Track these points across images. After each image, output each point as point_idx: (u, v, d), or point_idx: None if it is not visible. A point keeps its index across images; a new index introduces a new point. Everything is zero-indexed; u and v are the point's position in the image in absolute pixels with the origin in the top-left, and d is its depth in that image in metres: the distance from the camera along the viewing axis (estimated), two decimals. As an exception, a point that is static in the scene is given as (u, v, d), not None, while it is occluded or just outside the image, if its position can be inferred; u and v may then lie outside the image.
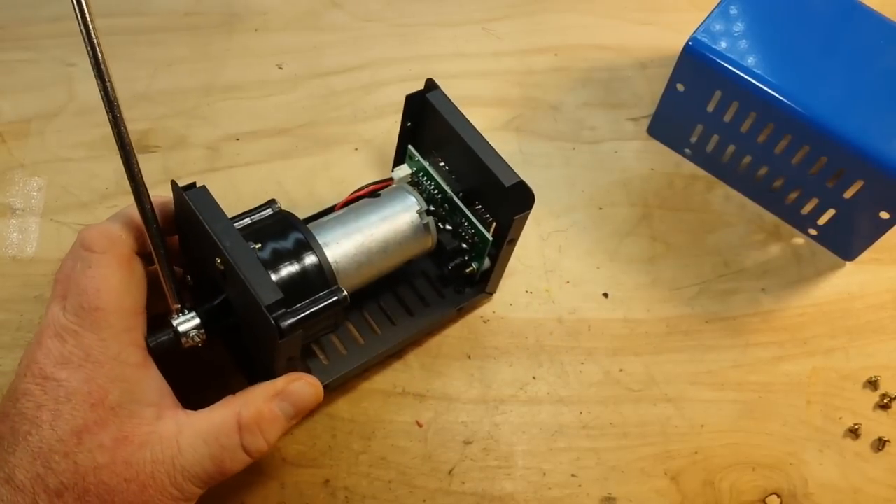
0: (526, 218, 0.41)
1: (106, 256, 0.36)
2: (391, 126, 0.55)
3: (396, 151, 0.48)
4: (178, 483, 0.34)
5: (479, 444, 0.44)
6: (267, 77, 0.57)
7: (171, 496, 0.34)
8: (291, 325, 0.35)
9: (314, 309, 0.37)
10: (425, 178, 0.45)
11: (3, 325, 0.46)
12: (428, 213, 0.44)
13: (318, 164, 0.53)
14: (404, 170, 0.46)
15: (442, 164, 0.44)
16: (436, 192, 0.44)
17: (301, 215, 0.42)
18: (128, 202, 0.52)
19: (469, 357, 0.47)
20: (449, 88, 0.43)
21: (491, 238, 0.43)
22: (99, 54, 0.33)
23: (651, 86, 0.58)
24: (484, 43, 0.59)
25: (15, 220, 0.50)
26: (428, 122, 0.44)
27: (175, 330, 0.37)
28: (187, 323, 0.37)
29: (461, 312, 0.47)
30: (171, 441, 0.34)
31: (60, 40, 0.57)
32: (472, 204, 0.43)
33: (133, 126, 0.53)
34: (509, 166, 0.41)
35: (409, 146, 0.45)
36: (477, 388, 0.46)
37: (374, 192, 0.45)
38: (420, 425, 0.45)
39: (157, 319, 0.38)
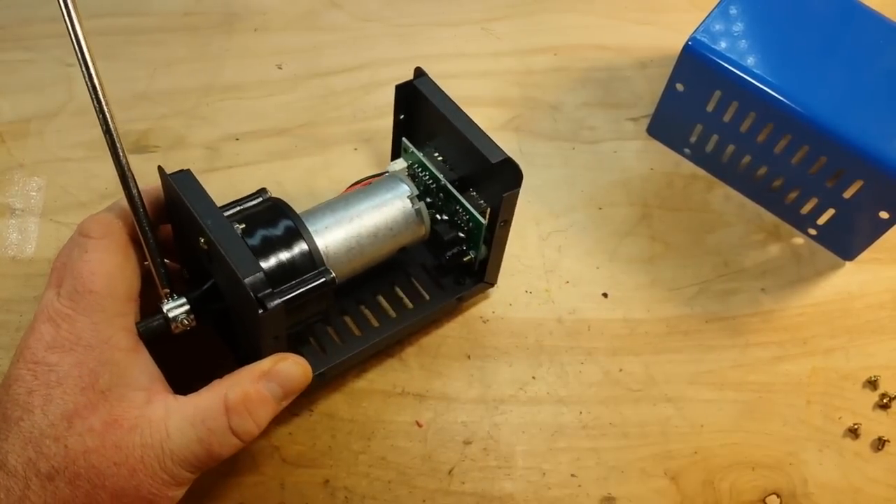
0: (516, 196, 0.41)
1: (103, 241, 0.36)
2: (391, 126, 0.55)
3: (392, 145, 0.48)
4: (167, 467, 0.34)
5: (479, 444, 0.44)
6: (267, 77, 0.57)
7: (162, 480, 0.34)
8: (274, 302, 0.35)
9: (300, 290, 0.37)
10: (420, 169, 0.45)
11: (3, 325, 0.46)
12: (420, 198, 0.44)
13: (318, 164, 0.53)
14: (400, 163, 0.46)
15: (436, 154, 0.44)
16: (431, 182, 0.45)
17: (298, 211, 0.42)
18: (127, 202, 0.52)
19: (469, 357, 0.47)
20: (449, 88, 0.43)
21: (485, 222, 0.42)
22: (81, 39, 0.33)
23: (651, 86, 0.58)
24: (484, 43, 0.59)
25: (14, 221, 0.50)
26: (420, 112, 0.44)
27: (165, 315, 0.37)
28: (177, 308, 0.37)
29: (460, 302, 0.47)
30: (160, 425, 0.34)
31: (60, 40, 0.57)
32: (465, 190, 0.43)
33: (133, 126, 0.54)
34: (497, 145, 0.41)
35: (404, 138, 0.46)
36: (477, 388, 0.46)
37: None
38: (420, 425, 0.45)
39: (150, 310, 0.38)
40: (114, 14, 0.59)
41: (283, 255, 0.38)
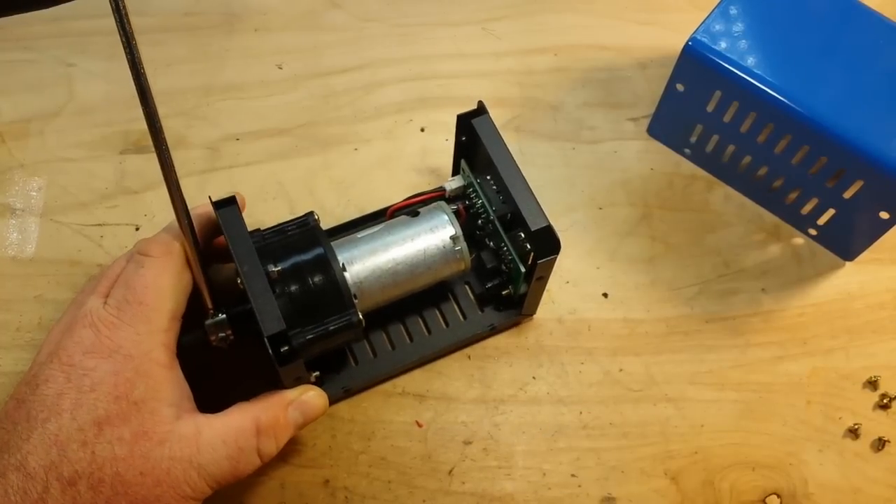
0: (553, 262, 0.41)
1: (160, 260, 0.38)
2: (391, 126, 0.55)
3: (453, 161, 0.48)
4: (192, 481, 0.35)
5: (479, 445, 0.44)
6: (267, 77, 0.57)
7: (183, 494, 0.35)
8: (293, 350, 0.36)
9: (320, 332, 0.38)
10: (473, 193, 0.45)
11: (3, 325, 0.46)
12: (464, 235, 0.43)
13: (318, 164, 0.53)
14: (457, 181, 0.46)
15: (492, 183, 0.44)
16: (482, 210, 0.45)
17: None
18: (127, 202, 0.52)
19: (469, 357, 0.47)
20: (449, 88, 0.43)
21: (524, 269, 0.43)
22: (141, 73, 0.34)
23: (651, 86, 0.58)
24: (484, 43, 0.59)
25: (15, 220, 0.50)
26: (477, 144, 0.44)
27: (206, 330, 0.39)
28: (218, 324, 0.39)
29: (493, 332, 0.47)
30: (191, 440, 0.35)
31: (60, 40, 0.57)
32: (514, 228, 0.43)
33: (133, 126, 0.54)
34: (539, 208, 0.41)
35: (462, 160, 0.46)
36: (477, 388, 0.46)
37: (421, 203, 0.45)
38: (420, 425, 0.45)
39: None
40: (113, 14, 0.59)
41: (312, 289, 0.39)
